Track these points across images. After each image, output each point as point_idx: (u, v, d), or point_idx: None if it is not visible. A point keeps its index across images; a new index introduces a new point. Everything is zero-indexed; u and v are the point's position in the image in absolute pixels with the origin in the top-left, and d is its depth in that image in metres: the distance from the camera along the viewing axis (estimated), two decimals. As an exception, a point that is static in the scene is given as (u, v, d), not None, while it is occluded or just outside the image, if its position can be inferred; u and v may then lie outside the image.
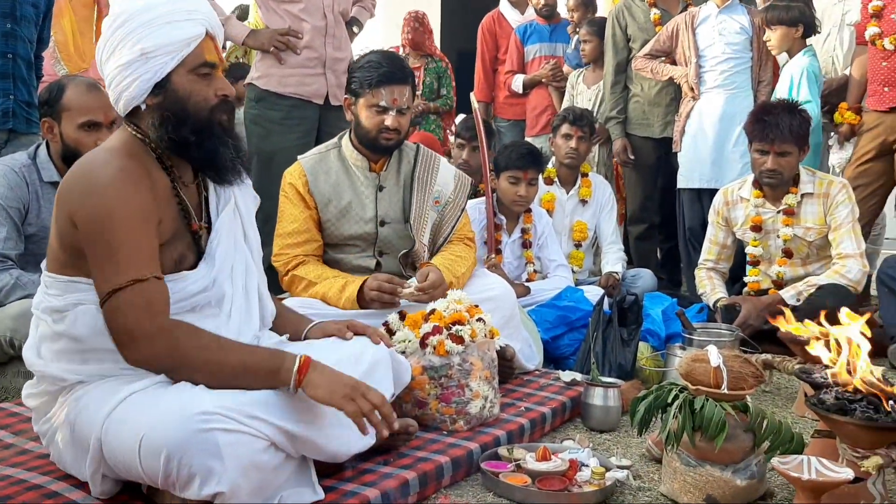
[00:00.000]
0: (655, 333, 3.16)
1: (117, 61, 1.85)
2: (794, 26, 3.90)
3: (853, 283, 3.30)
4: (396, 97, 2.80)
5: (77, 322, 1.80)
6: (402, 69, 2.85)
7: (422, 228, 2.94)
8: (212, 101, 1.91)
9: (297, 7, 3.52)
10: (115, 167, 1.79)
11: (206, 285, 1.90)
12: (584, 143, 4.20)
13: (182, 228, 1.92)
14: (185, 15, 1.87)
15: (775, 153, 3.37)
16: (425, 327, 2.40)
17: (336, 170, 2.91)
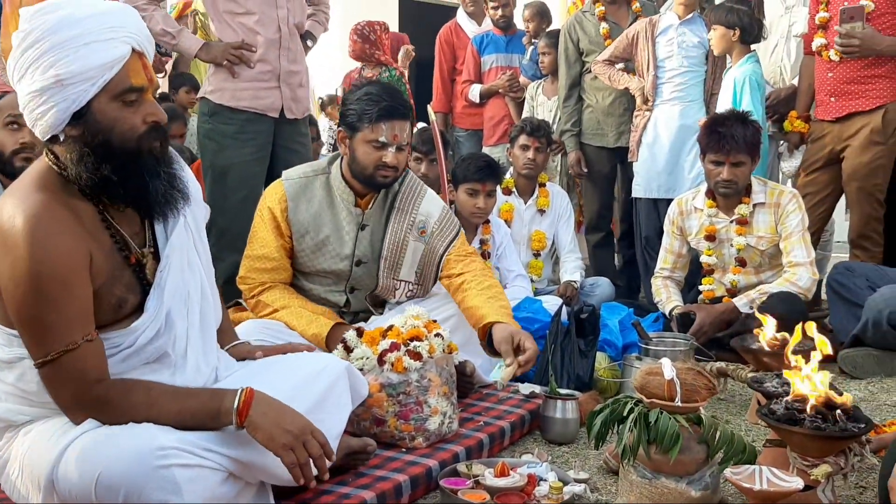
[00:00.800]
0: (613, 343, 3.19)
1: (30, 86, 1.65)
2: (731, 28, 3.97)
3: (803, 290, 3.37)
4: (397, 133, 2.67)
5: (25, 377, 1.73)
6: (404, 104, 2.71)
7: (397, 265, 2.86)
8: (139, 129, 1.71)
9: (251, 20, 3.50)
10: (29, 214, 1.62)
11: (158, 329, 1.77)
12: (542, 153, 4.24)
13: (119, 263, 1.76)
14: (107, 33, 1.65)
15: (730, 164, 3.43)
16: (383, 344, 2.39)
17: (319, 199, 2.79)
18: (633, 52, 4.40)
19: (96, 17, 1.66)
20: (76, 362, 1.65)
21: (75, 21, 1.64)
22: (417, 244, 2.83)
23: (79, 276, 1.65)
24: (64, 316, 1.63)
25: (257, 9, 3.49)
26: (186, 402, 1.73)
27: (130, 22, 1.72)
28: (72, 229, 1.66)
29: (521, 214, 4.29)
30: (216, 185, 3.50)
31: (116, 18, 1.69)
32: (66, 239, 1.64)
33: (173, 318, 1.82)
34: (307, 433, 1.75)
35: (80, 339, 1.65)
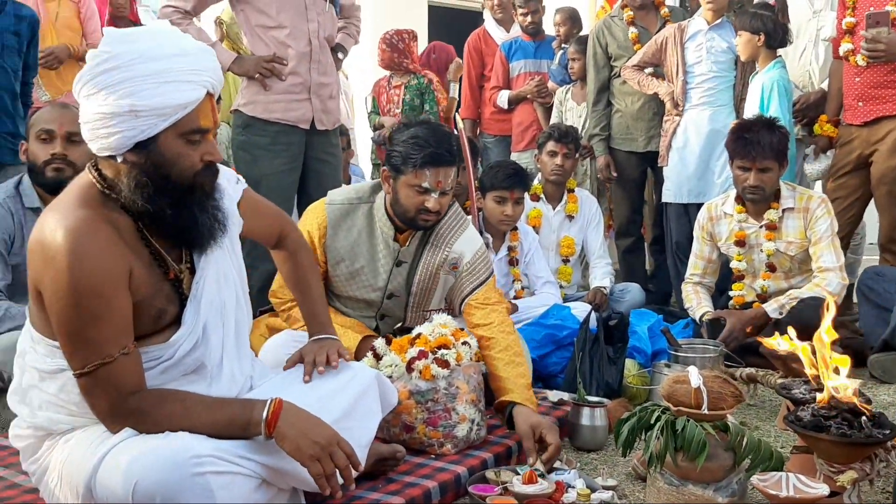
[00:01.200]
0: (642, 350, 3.21)
1: (99, 107, 1.67)
2: (756, 34, 3.95)
3: (833, 295, 3.34)
4: (441, 180, 2.60)
5: (66, 387, 1.77)
6: (450, 149, 2.63)
7: (426, 301, 2.83)
8: (197, 166, 1.75)
9: (282, 33, 3.55)
10: (70, 228, 1.65)
11: (196, 341, 1.82)
12: (570, 159, 4.25)
13: (157, 277, 1.79)
14: (188, 75, 1.69)
15: (757, 170, 3.43)
16: (411, 352, 2.43)
17: (360, 229, 2.76)
18: (661, 58, 4.40)
19: (181, 57, 1.70)
20: (112, 374, 1.70)
21: (161, 56, 1.68)
22: (448, 277, 2.79)
23: (118, 290, 1.69)
24: (102, 329, 1.67)
25: (289, 22, 3.55)
26: (218, 412, 1.78)
27: (210, 65, 1.76)
28: (112, 244, 1.70)
29: (550, 220, 4.31)
30: (249, 195, 3.56)
31: (199, 61, 1.73)
32: (107, 254, 1.67)
33: (209, 329, 1.86)
34: (334, 444, 1.79)
35: (116, 353, 1.69)
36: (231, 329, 1.94)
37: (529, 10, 5.30)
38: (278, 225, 2.26)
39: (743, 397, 2.15)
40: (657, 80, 4.43)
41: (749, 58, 4.05)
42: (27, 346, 1.84)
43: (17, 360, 1.89)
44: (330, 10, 3.71)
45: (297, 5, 3.56)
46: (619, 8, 4.74)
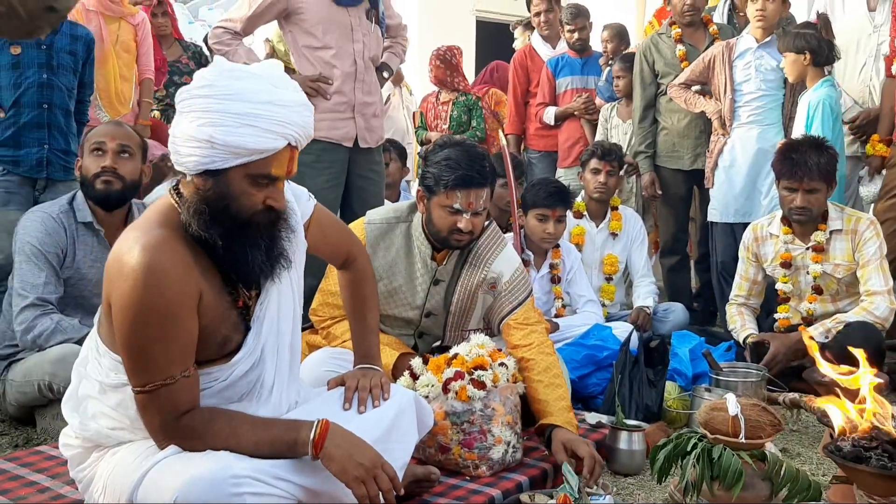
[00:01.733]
0: (683, 373, 3.18)
1: (185, 126, 1.72)
2: (801, 53, 3.88)
3: (880, 319, 3.29)
4: (472, 201, 2.61)
5: (125, 402, 1.81)
6: (482, 171, 2.63)
7: (465, 320, 2.84)
8: (257, 207, 1.77)
9: (328, 53, 3.61)
10: (147, 246, 1.69)
11: (253, 363, 1.86)
12: (613, 177, 4.24)
13: (227, 304, 1.83)
14: (272, 124, 1.72)
15: (804, 190, 3.38)
16: (447, 372, 2.44)
17: (398, 247, 2.78)
18: (709, 76, 4.36)
19: (271, 106, 1.72)
20: (171, 396, 1.73)
21: (253, 100, 1.71)
22: (487, 297, 2.80)
23: (187, 312, 1.72)
24: (167, 350, 1.71)
25: (334, 43, 3.61)
26: (265, 432, 1.81)
27: (300, 121, 1.77)
28: (186, 267, 1.73)
29: (593, 238, 4.29)
30: (295, 213, 3.62)
31: (288, 114, 1.74)
32: (180, 275, 1.71)
33: (266, 353, 1.90)
34: (378, 467, 1.81)
35: (178, 374, 1.72)
36: (286, 353, 1.98)
37: (577, 27, 5.29)
38: (346, 248, 2.29)
39: (782, 426, 2.12)
40: (704, 99, 4.39)
41: (797, 78, 3.98)
42: (91, 354, 1.88)
43: (78, 367, 1.93)
44: (375, 31, 3.76)
45: (342, 26, 3.62)
46: (667, 25, 4.71)
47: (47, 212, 2.98)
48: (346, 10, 3.63)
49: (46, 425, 2.88)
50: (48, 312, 2.85)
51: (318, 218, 2.13)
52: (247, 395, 1.90)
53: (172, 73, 5.71)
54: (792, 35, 3.92)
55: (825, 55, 3.91)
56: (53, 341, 2.82)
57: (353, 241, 2.32)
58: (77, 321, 2.90)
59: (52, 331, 2.82)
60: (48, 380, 2.76)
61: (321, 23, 3.58)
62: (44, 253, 2.89)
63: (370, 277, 2.34)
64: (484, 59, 6.33)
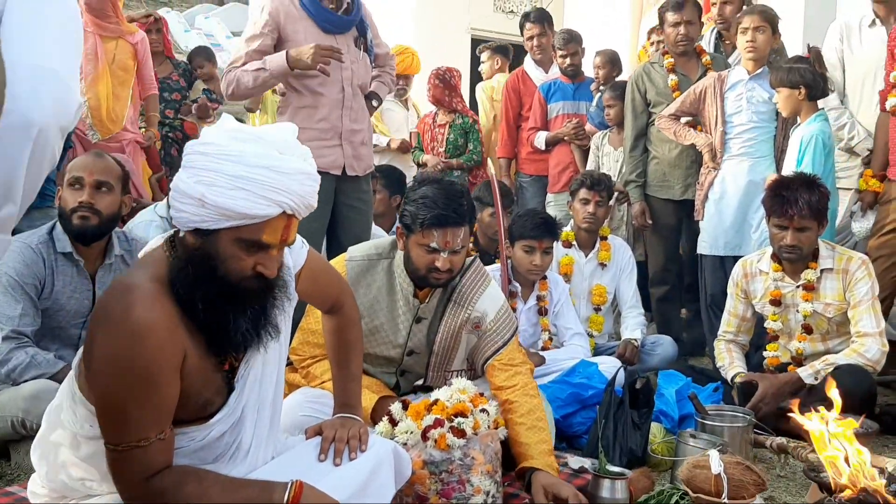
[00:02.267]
0: (668, 415, 3.13)
1: (182, 180, 1.67)
2: (796, 88, 3.84)
3: (871, 362, 3.24)
4: (449, 240, 2.59)
5: (97, 455, 1.75)
6: (458, 210, 2.60)
7: (448, 360, 2.80)
8: (246, 273, 1.70)
9: (315, 81, 3.57)
10: (136, 301, 1.63)
11: (232, 423, 1.81)
12: (602, 207, 4.20)
13: (211, 367, 1.76)
14: (266, 191, 1.65)
15: (794, 228, 3.33)
16: (427, 419, 2.38)
17: (379, 285, 2.75)
18: (700, 108, 4.32)
19: (268, 171, 1.66)
20: (144, 457, 1.67)
21: (249, 164, 1.65)
22: (471, 337, 2.76)
23: (168, 375, 1.66)
24: (144, 412, 1.65)
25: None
26: (236, 493, 1.75)
27: (298, 188, 1.70)
28: (172, 326, 1.67)
29: (582, 268, 4.25)
30: (277, 241, 3.56)
31: (286, 181, 1.67)
32: (165, 336, 1.64)
33: (247, 413, 1.85)
34: None
35: (153, 437, 1.66)
36: (267, 412, 1.93)
37: (569, 52, 5.27)
38: (335, 293, 2.25)
39: (765, 486, 2.08)
40: (694, 132, 4.35)
41: (791, 113, 3.94)
42: (66, 402, 1.81)
43: (51, 413, 1.87)
44: (364, 59, 3.72)
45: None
46: (660, 55, 4.68)
47: (26, 242, 2.93)
48: (334, 37, 3.60)
49: (20, 460, 2.82)
50: (23, 345, 2.81)
51: (310, 265, 2.08)
52: (222, 456, 1.85)
53: (163, 90, 5.72)
54: (785, 70, 3.87)
55: (820, 89, 3.88)
56: (28, 376, 2.78)
57: (341, 287, 2.28)
58: (52, 355, 2.85)
59: (26, 365, 2.77)
60: (21, 416, 2.72)
61: None
62: (21, 284, 2.85)
63: (356, 323, 2.30)
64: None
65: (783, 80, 3.86)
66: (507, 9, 8.88)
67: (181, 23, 18.17)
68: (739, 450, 2.83)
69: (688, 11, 4.51)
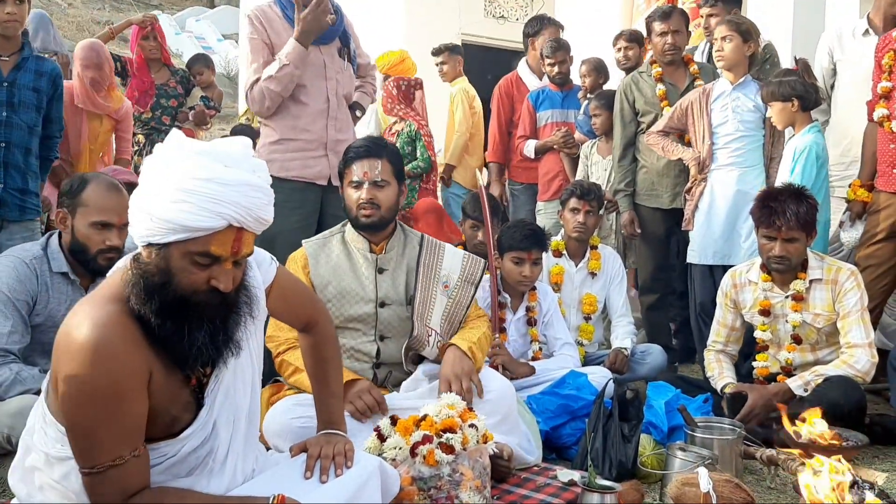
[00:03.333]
0: (658, 426, 3.11)
1: (136, 192, 1.70)
2: (788, 101, 3.85)
3: (861, 373, 3.24)
4: (367, 170, 2.88)
5: (70, 476, 1.74)
6: (374, 143, 2.94)
7: (427, 312, 2.94)
8: (199, 286, 1.70)
9: (300, 91, 3.56)
10: (96, 325, 1.63)
11: (204, 438, 1.80)
12: (593, 217, 4.20)
13: (177, 384, 1.77)
14: (210, 203, 1.64)
15: (783, 239, 3.34)
16: (415, 435, 2.38)
17: (337, 253, 2.97)
18: (687, 122, 4.32)
19: (210, 183, 1.65)
20: (120, 476, 1.67)
21: (194, 177, 1.65)
22: (443, 298, 2.95)
23: (135, 392, 1.66)
24: (114, 432, 1.65)
25: (307, 81, 3.55)
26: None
27: (242, 200, 1.69)
28: (135, 345, 1.67)
29: (572, 277, 4.24)
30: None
31: (229, 193, 1.67)
32: (129, 355, 1.65)
33: (219, 426, 1.85)
34: None
35: (127, 455, 1.67)
36: (242, 425, 1.93)
37: (557, 61, 5.27)
38: (308, 311, 2.25)
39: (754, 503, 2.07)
40: (682, 147, 4.35)
41: (785, 125, 3.95)
42: (38, 424, 1.81)
43: (25, 436, 1.87)
44: (348, 69, 3.74)
45: (315, 65, 3.58)
46: (648, 64, 4.68)
47: (20, 257, 2.89)
48: (318, 48, 3.59)
49: (5, 473, 2.79)
50: (8, 363, 2.78)
51: (280, 283, 2.08)
52: (197, 469, 1.84)
53: (159, 97, 5.72)
54: (776, 84, 3.89)
55: (812, 99, 3.89)
56: (13, 392, 2.75)
57: (314, 304, 2.28)
58: (38, 370, 2.82)
59: (11, 381, 2.75)
60: (6, 432, 2.69)
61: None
62: (13, 300, 2.82)
63: (332, 340, 2.30)
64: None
65: (775, 93, 3.87)
66: (498, 14, 8.87)
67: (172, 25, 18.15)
68: (729, 462, 2.83)
69: (675, 21, 4.52)
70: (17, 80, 3.67)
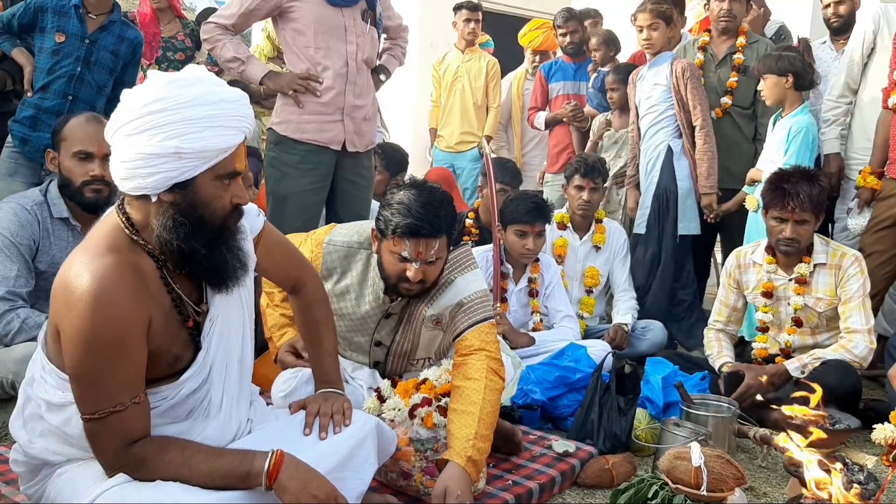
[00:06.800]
0: (653, 401, 3.14)
1: (142, 147, 1.68)
2: (783, 76, 3.87)
3: (859, 358, 3.26)
4: (422, 251, 2.43)
5: (70, 421, 1.78)
6: (434, 221, 2.42)
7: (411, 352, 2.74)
8: (227, 208, 1.79)
9: (319, 53, 3.53)
10: (95, 275, 1.66)
11: (202, 380, 1.85)
12: (597, 193, 4.20)
13: (176, 324, 1.82)
14: (231, 121, 1.74)
15: (794, 221, 3.34)
16: (415, 398, 2.41)
17: (352, 276, 2.66)
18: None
19: (226, 103, 1.74)
20: (121, 423, 1.71)
21: (209, 102, 1.72)
22: (435, 332, 2.66)
23: (136, 340, 1.71)
24: (116, 378, 1.69)
25: (325, 44, 3.53)
26: (218, 462, 1.78)
27: (248, 112, 1.80)
28: (135, 293, 1.71)
29: (576, 250, 4.26)
30: (276, 211, 3.56)
31: (240, 108, 1.77)
32: (129, 303, 1.68)
33: (215, 370, 1.89)
34: (332, 499, 1.81)
35: (128, 401, 1.70)
36: (234, 370, 1.96)
37: (568, 30, 5.24)
38: (295, 271, 2.26)
39: (745, 480, 2.10)
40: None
41: (775, 101, 3.98)
42: (37, 374, 1.86)
43: (25, 386, 1.91)
44: (371, 32, 3.67)
45: (335, 27, 3.54)
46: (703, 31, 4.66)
47: (20, 203, 2.92)
48: (340, 10, 3.55)
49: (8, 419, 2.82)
50: (16, 307, 2.80)
51: (267, 236, 2.11)
52: (195, 412, 1.89)
53: (166, 49, 5.61)
54: (774, 57, 3.92)
55: (808, 79, 3.92)
56: (20, 339, 2.77)
57: (302, 265, 2.29)
58: (45, 317, 2.84)
59: (17, 329, 2.77)
60: (11, 378, 2.72)
61: (313, 23, 3.51)
62: (16, 245, 2.84)
63: (322, 301, 2.31)
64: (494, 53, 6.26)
65: (772, 67, 3.90)
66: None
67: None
68: (722, 440, 2.86)
69: None
70: (99, 40, 3.83)
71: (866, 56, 4.24)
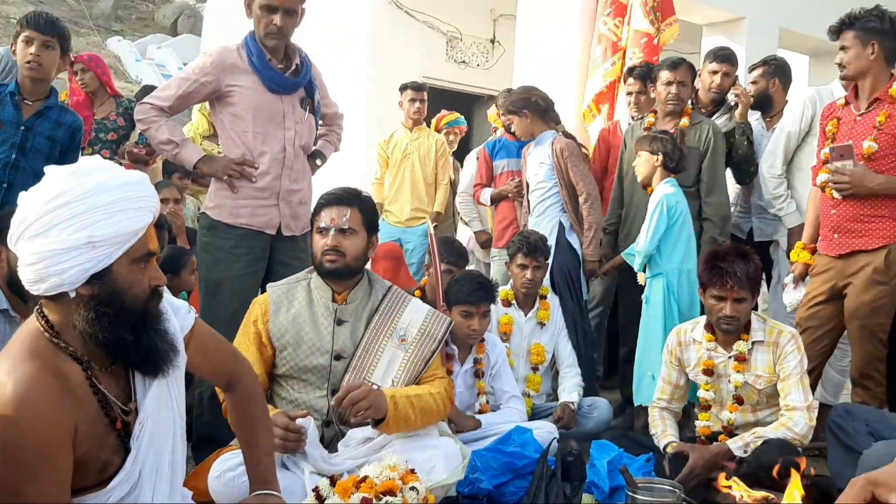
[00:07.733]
0: (599, 486, 3.12)
1: (52, 244, 1.66)
2: (655, 154, 4.23)
3: (799, 436, 3.29)
4: (334, 217, 2.91)
5: None
6: (347, 192, 2.97)
7: (370, 363, 2.90)
8: (147, 291, 1.80)
9: (257, 139, 3.52)
10: (18, 383, 1.63)
11: (132, 485, 1.80)
12: (540, 271, 4.23)
13: (104, 427, 1.78)
14: (137, 202, 1.75)
15: (732, 300, 3.39)
16: (354, 498, 2.36)
17: (300, 301, 2.98)
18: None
19: (129, 186, 1.76)
20: None
21: (112, 187, 1.73)
22: (397, 352, 2.87)
23: (61, 449, 1.67)
24: (41, 489, 1.64)
25: (263, 129, 3.53)
26: None
27: (152, 191, 1.83)
28: (59, 400, 1.68)
29: (521, 327, 4.26)
30: (209, 297, 3.51)
31: (143, 188, 1.79)
32: (53, 411, 1.65)
33: (144, 475, 1.84)
34: None
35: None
36: (165, 474, 1.91)
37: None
38: (229, 365, 2.23)
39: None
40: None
41: (645, 178, 4.31)
42: None
43: None
44: (309, 119, 3.69)
45: (274, 113, 3.55)
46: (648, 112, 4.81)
47: None
48: (279, 97, 3.56)
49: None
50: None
51: (200, 332, 2.08)
52: None
53: (98, 131, 5.50)
54: (649, 138, 4.27)
55: (676, 160, 4.23)
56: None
57: (237, 359, 2.27)
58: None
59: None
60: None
61: (252, 108, 3.51)
62: None
63: (258, 397, 2.28)
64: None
65: (644, 146, 4.28)
66: (459, 59, 8.98)
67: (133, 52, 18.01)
68: (668, 524, 2.84)
69: (682, 72, 4.58)
70: (35, 126, 3.76)
71: (801, 137, 4.41)
